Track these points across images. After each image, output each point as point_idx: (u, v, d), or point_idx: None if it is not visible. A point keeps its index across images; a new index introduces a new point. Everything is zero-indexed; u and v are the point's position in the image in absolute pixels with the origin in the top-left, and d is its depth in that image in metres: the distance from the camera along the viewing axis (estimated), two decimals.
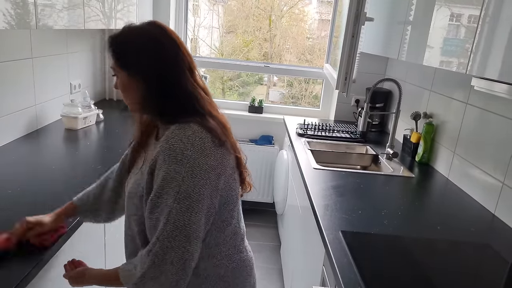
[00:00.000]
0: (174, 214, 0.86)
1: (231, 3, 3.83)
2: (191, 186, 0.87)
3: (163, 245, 0.86)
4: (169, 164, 0.88)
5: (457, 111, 1.83)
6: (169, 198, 0.87)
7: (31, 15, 1.36)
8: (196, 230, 0.88)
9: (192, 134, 0.90)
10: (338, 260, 1.09)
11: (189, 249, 0.87)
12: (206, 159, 0.90)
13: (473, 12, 1.22)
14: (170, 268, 0.85)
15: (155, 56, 0.94)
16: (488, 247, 1.26)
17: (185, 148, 0.88)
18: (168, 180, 0.87)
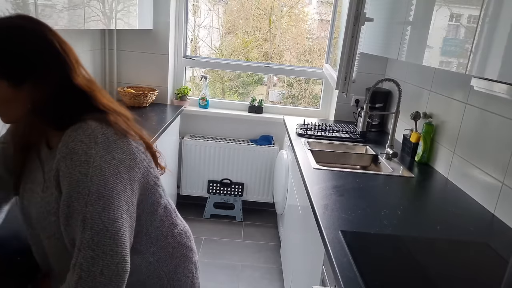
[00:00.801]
0: (89, 219, 0.79)
1: (231, 4, 3.83)
2: (102, 185, 0.81)
3: (86, 255, 0.77)
4: (73, 168, 0.81)
5: (456, 111, 1.83)
6: (80, 203, 0.79)
7: (31, 15, 1.37)
8: (120, 229, 0.81)
9: (92, 132, 0.84)
10: (338, 260, 1.09)
11: (117, 251, 0.79)
12: (113, 154, 0.84)
13: (472, 12, 1.22)
14: (101, 279, 0.77)
15: (41, 55, 0.84)
16: (488, 246, 1.27)
17: (88, 148, 0.82)
18: (74, 185, 0.80)
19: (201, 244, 2.80)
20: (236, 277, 2.49)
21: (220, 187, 3.19)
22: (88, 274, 0.77)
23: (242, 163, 3.14)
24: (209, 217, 3.18)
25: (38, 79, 0.83)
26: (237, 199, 3.20)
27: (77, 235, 0.79)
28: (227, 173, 3.17)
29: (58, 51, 0.85)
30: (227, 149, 3.10)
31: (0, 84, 0.82)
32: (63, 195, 0.82)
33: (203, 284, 2.39)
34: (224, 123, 3.19)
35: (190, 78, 3.51)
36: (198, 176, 3.17)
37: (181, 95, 3.08)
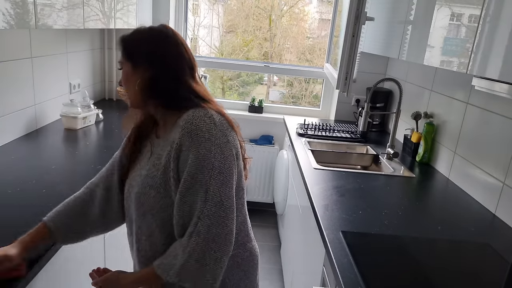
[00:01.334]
0: (211, 191, 0.89)
1: (231, 3, 3.82)
2: (222, 162, 0.91)
3: (204, 223, 0.87)
4: (199, 143, 0.90)
5: (457, 111, 1.83)
6: (204, 176, 0.89)
7: (31, 14, 1.36)
8: (232, 205, 0.92)
9: (212, 116, 0.94)
10: (338, 260, 1.09)
11: (227, 223, 0.89)
12: (228, 138, 0.95)
13: (473, 11, 1.22)
14: (213, 246, 0.87)
15: (160, 47, 0.99)
16: (489, 247, 1.26)
17: (210, 128, 0.92)
18: (200, 159, 0.89)
19: None
20: None
21: None
22: (204, 240, 0.87)
23: None
24: None
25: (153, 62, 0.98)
26: None
27: (197, 205, 0.89)
28: None
29: (180, 53, 1.01)
30: None
31: (127, 64, 0.99)
32: (189, 167, 0.90)
33: None
34: None
35: None
36: None
37: None
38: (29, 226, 1.13)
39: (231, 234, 0.91)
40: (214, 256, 0.87)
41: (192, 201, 0.90)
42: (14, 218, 1.17)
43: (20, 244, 0.96)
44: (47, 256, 1.03)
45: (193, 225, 0.88)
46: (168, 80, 0.98)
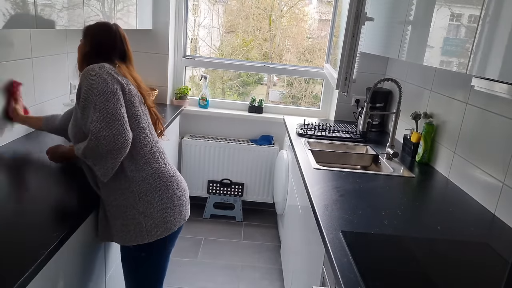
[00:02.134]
0: (98, 105, 1.23)
1: (231, 3, 3.82)
2: (105, 87, 1.25)
3: (95, 126, 1.21)
4: (87, 78, 1.26)
5: (457, 111, 1.83)
6: (93, 97, 1.23)
7: (31, 14, 1.36)
8: (117, 115, 1.24)
9: (103, 66, 1.31)
10: (338, 260, 1.09)
11: (114, 127, 1.22)
12: (113, 76, 1.30)
13: (473, 12, 1.22)
14: (103, 142, 1.20)
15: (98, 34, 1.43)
16: (488, 246, 1.26)
17: (97, 69, 1.28)
18: (88, 86, 1.25)
19: (201, 244, 2.79)
20: (236, 278, 2.48)
21: (220, 187, 3.19)
22: (96, 138, 1.20)
23: (242, 163, 3.13)
24: (209, 217, 3.18)
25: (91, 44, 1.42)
26: (237, 199, 3.19)
27: (90, 115, 1.23)
28: (227, 173, 3.17)
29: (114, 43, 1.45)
30: (227, 149, 3.10)
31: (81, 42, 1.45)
32: (82, 94, 1.26)
33: (203, 284, 2.39)
34: (224, 123, 3.19)
35: (190, 78, 3.50)
36: (198, 176, 3.16)
37: (181, 95, 3.08)
38: (29, 226, 1.13)
39: (119, 135, 1.23)
40: (105, 149, 1.21)
41: (87, 115, 1.24)
42: (14, 218, 1.17)
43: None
44: (46, 256, 1.03)
45: (89, 128, 1.22)
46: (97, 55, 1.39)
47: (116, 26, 1.46)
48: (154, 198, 1.36)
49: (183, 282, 2.38)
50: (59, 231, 1.11)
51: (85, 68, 1.30)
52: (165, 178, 1.40)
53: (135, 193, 1.33)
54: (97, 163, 1.24)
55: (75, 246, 1.25)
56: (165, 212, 1.38)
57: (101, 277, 1.52)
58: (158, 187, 1.37)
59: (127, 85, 1.34)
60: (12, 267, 0.95)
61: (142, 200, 1.34)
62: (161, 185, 1.38)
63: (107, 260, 1.56)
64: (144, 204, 1.34)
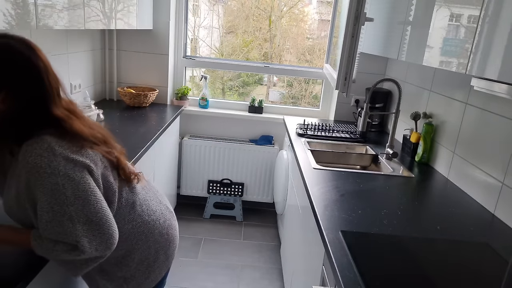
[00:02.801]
0: (75, 217, 0.93)
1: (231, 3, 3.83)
2: (74, 188, 0.93)
3: (83, 242, 0.94)
4: (43, 181, 0.91)
5: (457, 111, 1.83)
6: (62, 207, 0.92)
7: (31, 15, 1.37)
8: (103, 216, 0.98)
9: (50, 145, 0.93)
10: (338, 260, 1.09)
11: (104, 232, 0.97)
12: (74, 160, 0.95)
13: (472, 12, 1.22)
14: (98, 253, 0.98)
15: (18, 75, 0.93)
16: (488, 246, 1.27)
17: (50, 161, 0.91)
18: (50, 194, 0.91)
19: (201, 244, 2.79)
20: (236, 277, 2.49)
21: (220, 187, 3.19)
22: (86, 253, 0.95)
23: (242, 163, 3.14)
24: (209, 217, 3.18)
25: (8, 94, 0.91)
26: (237, 199, 3.20)
27: (69, 232, 0.93)
28: (227, 173, 3.17)
29: (40, 77, 0.94)
30: (227, 149, 3.10)
31: None
32: (41, 203, 0.92)
33: (203, 284, 2.39)
34: (224, 123, 3.19)
35: (190, 78, 3.51)
36: (198, 176, 3.17)
37: (181, 95, 3.08)
38: None
39: (111, 238, 0.99)
40: (93, 257, 0.98)
41: (61, 231, 0.93)
42: None
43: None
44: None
45: (75, 244, 0.94)
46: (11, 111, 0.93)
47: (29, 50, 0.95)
48: (132, 260, 1.16)
49: (183, 282, 2.39)
50: None
51: (26, 160, 0.91)
52: (143, 235, 1.18)
53: (110, 261, 1.12)
54: (72, 267, 1.00)
55: None
56: (148, 268, 1.20)
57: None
58: (136, 248, 1.16)
59: (91, 160, 1.00)
60: None
61: (119, 265, 1.14)
62: (140, 244, 1.17)
63: None
64: (122, 268, 1.15)
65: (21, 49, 0.94)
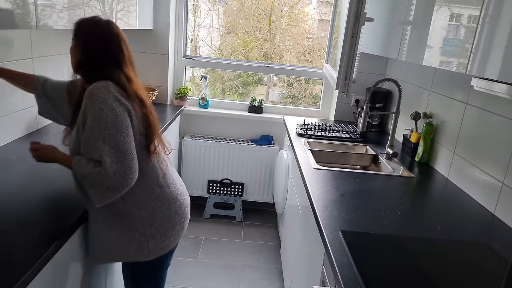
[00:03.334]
0: (107, 139, 1.16)
1: (231, 3, 3.83)
2: (114, 118, 1.17)
3: (106, 160, 1.15)
4: (94, 105, 1.17)
5: (457, 111, 1.83)
6: (100, 128, 1.16)
7: (31, 15, 1.37)
8: (128, 149, 1.19)
9: (108, 85, 1.21)
10: (338, 260, 1.09)
11: (125, 162, 1.17)
12: (120, 101, 1.21)
13: (473, 12, 1.22)
14: (114, 177, 1.16)
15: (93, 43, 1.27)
16: (488, 246, 1.27)
17: (103, 93, 1.19)
18: (96, 116, 1.17)
19: (201, 244, 2.79)
20: (236, 277, 2.49)
21: (220, 187, 3.19)
22: (105, 172, 1.15)
23: (242, 163, 3.14)
24: (209, 217, 3.18)
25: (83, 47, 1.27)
26: (237, 199, 3.20)
27: (96, 149, 1.16)
28: (227, 173, 3.17)
29: (120, 44, 1.30)
30: (227, 149, 3.10)
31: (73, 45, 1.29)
32: (88, 123, 1.18)
33: (203, 284, 2.39)
34: (224, 123, 3.19)
35: (190, 78, 3.51)
36: (198, 176, 3.17)
37: (181, 95, 3.08)
38: (29, 226, 1.13)
39: (129, 171, 1.18)
40: (112, 184, 1.16)
41: (94, 147, 1.17)
42: (14, 218, 1.17)
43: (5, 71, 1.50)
44: (46, 256, 1.03)
45: (100, 160, 1.16)
46: (94, 66, 1.26)
47: (110, 25, 1.29)
48: (155, 221, 1.33)
49: (183, 282, 2.39)
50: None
51: (89, 90, 1.19)
52: (167, 202, 1.36)
53: (136, 217, 1.30)
54: (96, 190, 1.18)
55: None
56: (166, 233, 1.36)
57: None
58: (160, 211, 1.34)
59: (133, 109, 1.24)
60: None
61: (143, 223, 1.31)
62: (164, 209, 1.35)
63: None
64: (145, 226, 1.32)
65: (113, 27, 1.30)
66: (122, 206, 1.28)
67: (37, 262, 0.98)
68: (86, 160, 1.19)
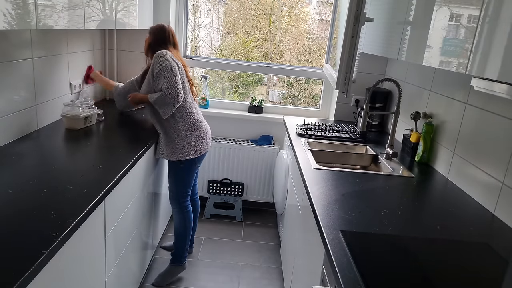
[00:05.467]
0: (167, 76, 2.06)
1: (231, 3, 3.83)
2: (171, 66, 2.07)
3: (165, 87, 2.06)
4: (159, 60, 2.08)
5: (456, 111, 1.83)
6: (164, 71, 2.06)
7: (31, 15, 1.37)
8: (177, 83, 2.08)
9: (167, 53, 2.12)
10: (338, 260, 1.10)
11: (176, 89, 2.07)
12: (174, 60, 2.13)
13: (472, 12, 1.22)
14: (169, 96, 2.06)
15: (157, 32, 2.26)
16: (488, 246, 1.27)
17: (165, 54, 2.10)
18: (160, 64, 2.07)
19: (201, 244, 2.79)
20: (236, 277, 2.49)
21: (220, 187, 3.19)
22: (165, 94, 2.06)
23: (242, 163, 3.14)
24: (209, 217, 3.18)
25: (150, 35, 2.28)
26: (237, 199, 3.20)
27: (162, 82, 2.07)
28: (227, 173, 3.17)
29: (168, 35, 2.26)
30: (227, 149, 3.10)
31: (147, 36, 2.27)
32: (156, 68, 2.08)
33: (203, 284, 2.39)
34: (224, 123, 3.19)
35: None
36: (198, 176, 3.16)
37: None
38: (29, 226, 1.14)
39: (177, 93, 2.07)
40: (168, 100, 2.07)
41: (158, 81, 2.09)
42: (15, 218, 1.17)
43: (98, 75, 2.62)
44: (48, 255, 1.04)
45: (160, 88, 2.09)
46: (158, 44, 2.22)
47: (168, 26, 2.26)
48: (191, 133, 2.21)
49: (183, 282, 2.39)
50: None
51: (156, 53, 2.09)
52: (198, 122, 2.25)
53: (181, 130, 2.18)
54: (162, 108, 2.08)
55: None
56: (198, 142, 2.24)
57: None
58: (194, 126, 2.22)
59: (179, 65, 2.15)
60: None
61: (185, 134, 2.19)
62: (195, 126, 2.23)
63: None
64: (187, 136, 2.20)
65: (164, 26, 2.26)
66: (173, 123, 2.17)
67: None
68: (154, 93, 2.10)
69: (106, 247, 1.56)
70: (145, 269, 2.33)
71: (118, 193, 1.64)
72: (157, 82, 2.07)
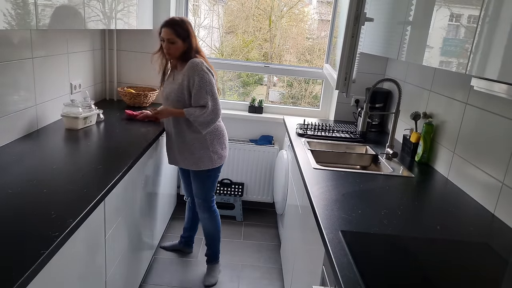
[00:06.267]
0: (209, 91, 2.07)
1: (231, 4, 3.83)
2: (210, 79, 2.08)
3: (210, 104, 2.07)
4: (199, 73, 2.05)
5: (456, 111, 1.83)
6: (205, 86, 2.06)
7: (31, 15, 1.37)
8: (218, 98, 2.12)
9: (203, 62, 2.10)
10: (338, 260, 1.10)
11: (217, 106, 2.11)
12: (210, 71, 2.11)
13: (472, 12, 1.22)
14: (212, 114, 2.09)
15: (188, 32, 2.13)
16: (488, 246, 1.27)
17: (202, 65, 2.07)
18: (201, 79, 2.05)
19: (201, 244, 2.79)
20: (236, 277, 2.49)
21: (220, 187, 3.19)
22: (210, 112, 2.07)
23: (242, 163, 3.14)
24: None
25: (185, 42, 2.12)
26: (237, 199, 3.20)
27: (204, 97, 2.07)
28: (227, 173, 3.17)
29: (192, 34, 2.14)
30: None
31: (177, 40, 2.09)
32: (196, 84, 2.05)
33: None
34: (224, 123, 3.17)
35: None
36: None
37: None
38: (29, 226, 1.13)
39: (220, 110, 2.12)
40: (211, 118, 2.09)
41: (201, 97, 2.07)
42: (15, 218, 1.17)
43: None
44: (48, 255, 1.04)
45: (206, 104, 2.07)
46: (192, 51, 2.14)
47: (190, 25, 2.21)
48: (217, 141, 2.24)
49: (183, 282, 2.39)
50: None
51: (192, 62, 2.06)
52: (223, 130, 2.29)
53: (208, 140, 2.20)
54: (203, 125, 2.09)
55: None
56: (223, 150, 2.28)
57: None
58: (219, 135, 2.24)
59: (213, 74, 2.13)
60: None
61: (212, 144, 2.21)
62: (221, 134, 2.26)
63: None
64: (213, 146, 2.22)
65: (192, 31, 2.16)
66: (201, 135, 2.17)
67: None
68: (193, 108, 2.09)
69: (106, 247, 1.56)
70: (145, 269, 2.33)
71: (118, 193, 1.64)
72: (198, 97, 2.04)
